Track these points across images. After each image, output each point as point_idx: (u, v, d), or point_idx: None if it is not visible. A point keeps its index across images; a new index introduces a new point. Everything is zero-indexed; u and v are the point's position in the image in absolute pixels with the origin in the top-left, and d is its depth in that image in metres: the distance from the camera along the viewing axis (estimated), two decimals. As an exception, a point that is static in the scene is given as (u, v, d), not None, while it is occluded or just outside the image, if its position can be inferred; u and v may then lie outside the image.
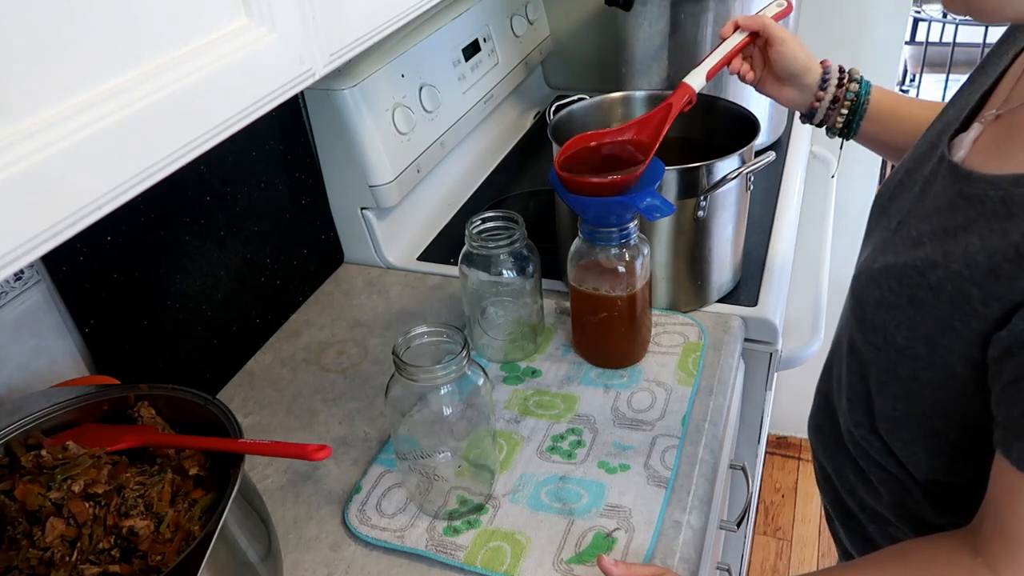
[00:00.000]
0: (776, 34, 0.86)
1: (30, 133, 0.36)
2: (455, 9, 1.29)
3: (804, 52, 0.87)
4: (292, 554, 0.76)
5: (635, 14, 1.31)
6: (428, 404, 0.72)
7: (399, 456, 0.77)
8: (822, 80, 0.86)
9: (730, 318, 1.02)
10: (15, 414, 0.66)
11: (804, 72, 0.87)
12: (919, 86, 3.24)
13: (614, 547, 0.73)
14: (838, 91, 0.86)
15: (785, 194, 1.28)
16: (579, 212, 0.86)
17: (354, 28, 0.61)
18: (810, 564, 1.89)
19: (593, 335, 0.94)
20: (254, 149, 1.01)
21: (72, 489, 0.59)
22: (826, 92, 0.87)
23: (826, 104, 0.87)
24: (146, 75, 0.42)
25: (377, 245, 1.18)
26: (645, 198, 0.80)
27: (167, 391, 0.69)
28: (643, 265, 0.88)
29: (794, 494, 2.07)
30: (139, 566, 0.57)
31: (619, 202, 0.82)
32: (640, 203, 0.80)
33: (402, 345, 0.71)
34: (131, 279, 0.84)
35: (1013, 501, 0.54)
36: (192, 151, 0.46)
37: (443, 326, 0.73)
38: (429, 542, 0.75)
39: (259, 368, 1.02)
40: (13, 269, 0.36)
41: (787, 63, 0.86)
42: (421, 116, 1.17)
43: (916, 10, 3.26)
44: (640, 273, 0.88)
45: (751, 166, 0.94)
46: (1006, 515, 0.55)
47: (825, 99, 0.87)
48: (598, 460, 0.83)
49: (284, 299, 1.10)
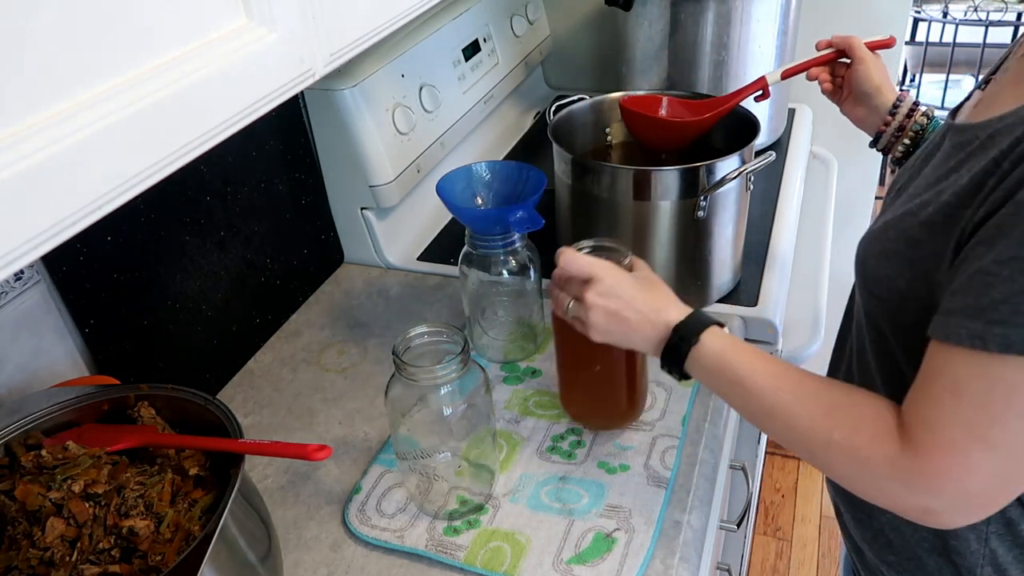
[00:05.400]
0: (858, 53, 0.92)
1: (30, 133, 0.36)
2: (455, 9, 1.29)
3: (881, 76, 0.91)
4: (292, 554, 0.76)
5: (635, 14, 1.31)
6: (428, 404, 0.72)
7: (399, 456, 0.77)
8: (893, 106, 0.90)
9: (730, 318, 1.02)
10: (15, 414, 0.66)
11: (876, 93, 0.91)
12: (919, 86, 3.24)
13: (614, 547, 0.73)
14: (906, 120, 0.90)
15: (785, 194, 1.28)
16: (464, 222, 0.91)
17: (354, 28, 0.61)
18: (810, 564, 1.89)
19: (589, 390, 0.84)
20: (254, 149, 1.01)
21: (72, 489, 0.59)
22: (894, 119, 0.90)
23: (891, 131, 0.91)
24: (146, 75, 0.42)
25: (377, 245, 1.18)
26: (517, 211, 0.84)
27: (167, 391, 0.69)
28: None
29: (794, 494, 2.06)
30: (139, 566, 0.57)
31: (494, 214, 0.88)
32: (511, 216, 0.85)
33: (402, 345, 0.71)
34: (131, 279, 0.84)
35: (949, 387, 0.53)
36: (192, 151, 0.46)
37: (443, 326, 0.73)
38: (429, 542, 0.75)
39: (259, 368, 1.02)
40: (13, 269, 0.36)
41: (861, 82, 0.92)
42: (421, 116, 1.17)
43: (916, 10, 3.25)
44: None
45: (751, 166, 0.94)
46: (937, 406, 0.54)
47: (892, 125, 0.90)
48: (598, 460, 0.83)
49: (284, 299, 1.10)
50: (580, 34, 1.65)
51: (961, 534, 0.67)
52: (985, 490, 0.54)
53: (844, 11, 1.54)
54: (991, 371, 0.51)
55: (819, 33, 1.55)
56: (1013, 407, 0.51)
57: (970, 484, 0.53)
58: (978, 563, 0.67)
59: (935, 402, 0.54)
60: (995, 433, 0.52)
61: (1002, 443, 0.52)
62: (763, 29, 1.28)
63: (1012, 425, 0.51)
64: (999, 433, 0.51)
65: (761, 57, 1.30)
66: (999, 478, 0.53)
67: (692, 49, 1.29)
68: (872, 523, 0.74)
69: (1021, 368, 0.50)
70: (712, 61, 1.29)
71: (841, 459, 0.59)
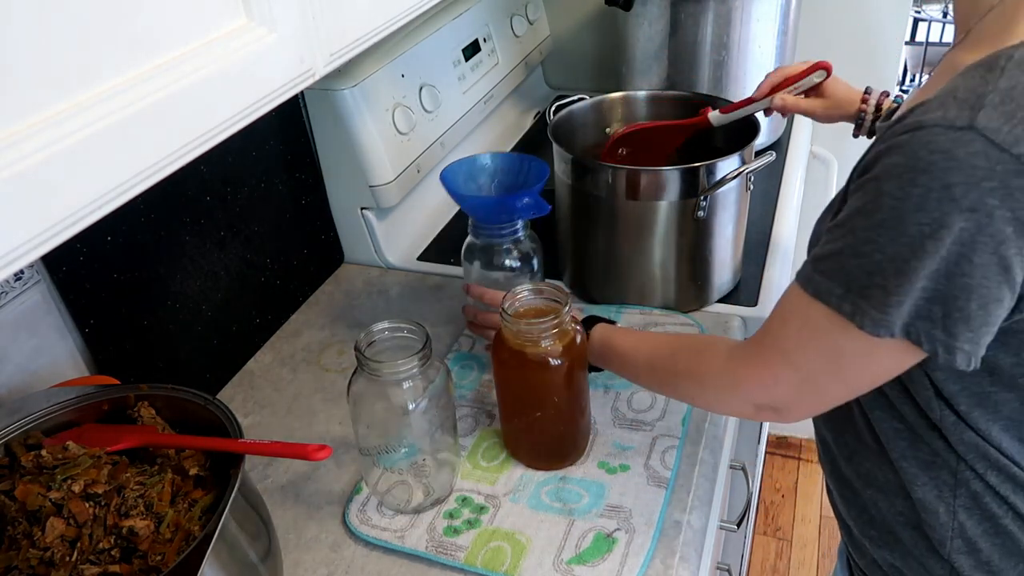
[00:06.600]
0: (808, 113, 0.99)
1: (30, 133, 0.36)
2: (455, 9, 1.29)
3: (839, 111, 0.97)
4: (292, 554, 0.76)
5: (635, 14, 1.31)
6: (390, 399, 0.72)
7: (362, 452, 0.77)
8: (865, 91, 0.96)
9: (730, 318, 1.02)
10: (15, 414, 0.66)
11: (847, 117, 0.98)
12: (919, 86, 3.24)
13: (614, 547, 0.73)
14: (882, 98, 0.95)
15: (785, 194, 1.28)
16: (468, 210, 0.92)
17: (354, 28, 0.61)
18: (810, 564, 1.89)
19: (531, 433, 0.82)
20: (254, 149, 1.01)
21: (72, 489, 0.59)
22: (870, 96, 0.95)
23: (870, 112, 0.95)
24: (146, 75, 0.42)
25: (377, 245, 1.18)
26: (523, 198, 0.85)
27: (167, 391, 0.69)
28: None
29: (794, 494, 2.07)
30: (139, 566, 0.57)
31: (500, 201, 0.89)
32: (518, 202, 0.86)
33: (364, 340, 0.72)
34: (131, 279, 0.84)
35: (781, 313, 0.64)
36: (192, 151, 0.46)
37: (405, 322, 0.74)
38: (429, 543, 0.75)
39: (259, 368, 1.02)
40: (13, 269, 0.36)
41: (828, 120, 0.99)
42: (421, 116, 1.17)
43: (916, 10, 3.26)
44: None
45: (751, 166, 0.94)
46: (769, 325, 0.65)
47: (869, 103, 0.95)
48: (598, 460, 0.83)
49: (284, 299, 1.10)
50: (580, 34, 1.65)
51: (931, 508, 0.68)
52: (786, 398, 0.66)
53: (844, 11, 1.54)
54: (806, 309, 0.61)
55: (819, 33, 1.55)
56: (815, 342, 0.61)
57: (775, 391, 0.66)
58: (947, 536, 0.68)
59: (767, 325, 0.66)
60: (798, 357, 0.63)
61: (801, 366, 0.63)
62: (763, 29, 1.28)
63: (810, 355, 0.62)
64: (800, 358, 0.63)
65: (761, 57, 1.30)
66: (797, 392, 0.65)
67: (692, 49, 1.29)
68: (857, 500, 0.76)
69: (823, 313, 0.59)
70: (712, 61, 1.29)
71: (687, 384, 0.74)
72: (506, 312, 0.74)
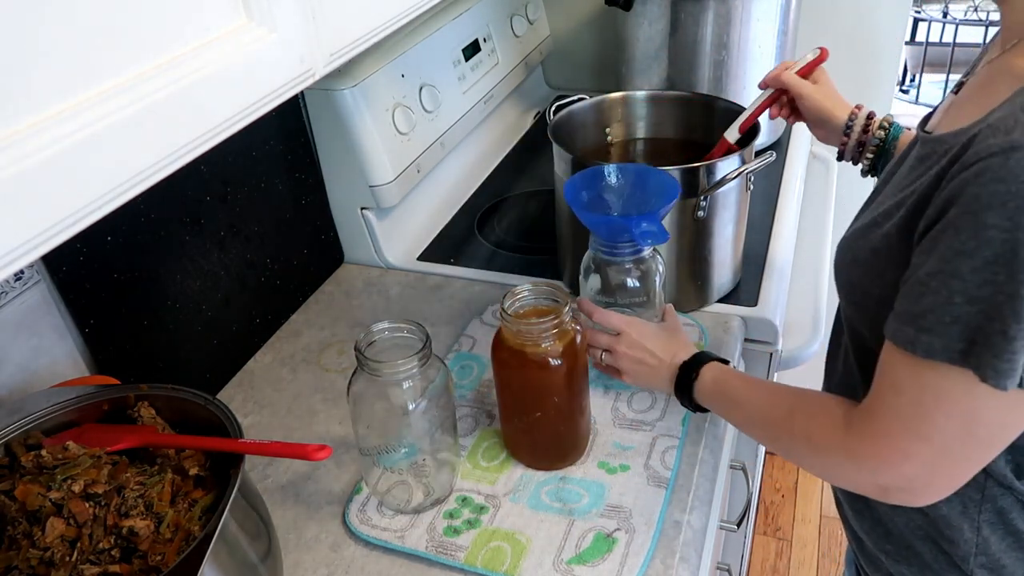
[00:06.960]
0: (795, 90, 0.94)
1: (30, 133, 0.36)
2: (455, 9, 1.29)
3: (829, 102, 0.93)
4: (292, 554, 0.76)
5: (635, 14, 1.31)
6: (390, 399, 0.72)
7: (362, 452, 0.77)
8: (846, 127, 0.92)
9: (730, 318, 1.02)
10: (15, 414, 0.66)
11: (829, 118, 0.93)
12: (919, 86, 3.24)
13: (615, 547, 0.73)
14: (863, 136, 0.92)
15: (785, 194, 1.28)
16: (589, 227, 0.86)
17: (354, 28, 0.61)
18: (810, 564, 1.89)
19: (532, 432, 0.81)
20: (254, 149, 1.01)
21: (72, 489, 0.59)
22: (849, 137, 0.92)
23: (852, 146, 0.93)
24: (146, 75, 0.42)
25: (377, 245, 1.18)
26: (641, 223, 0.81)
27: (167, 391, 0.69)
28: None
29: (794, 494, 2.07)
30: (139, 566, 0.57)
31: (619, 222, 0.84)
32: (636, 228, 0.81)
33: (364, 340, 0.72)
34: (131, 279, 0.84)
35: (891, 383, 0.59)
36: (192, 151, 0.46)
37: (405, 322, 0.74)
38: (429, 543, 0.75)
39: (259, 368, 1.02)
40: (14, 269, 0.36)
41: (810, 113, 0.94)
42: (421, 116, 1.17)
43: (916, 10, 3.26)
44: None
45: (751, 166, 0.94)
46: (881, 395, 0.60)
47: (850, 143, 0.92)
48: (598, 460, 0.83)
49: (284, 299, 1.10)
50: (580, 34, 1.65)
51: (954, 523, 0.68)
52: (920, 475, 0.59)
53: (844, 11, 1.54)
54: (920, 373, 0.56)
55: (819, 33, 1.55)
56: (940, 408, 0.56)
57: (906, 468, 0.59)
58: (971, 552, 0.68)
59: (879, 395, 0.60)
60: (926, 427, 0.57)
61: (932, 436, 0.57)
62: (763, 29, 1.28)
63: (939, 423, 0.56)
64: (929, 428, 0.57)
65: (761, 57, 1.30)
66: (931, 466, 0.58)
67: (692, 49, 1.29)
68: (870, 513, 0.75)
69: (942, 374, 0.54)
70: (712, 61, 1.29)
71: (803, 449, 0.67)
72: (506, 312, 0.74)
